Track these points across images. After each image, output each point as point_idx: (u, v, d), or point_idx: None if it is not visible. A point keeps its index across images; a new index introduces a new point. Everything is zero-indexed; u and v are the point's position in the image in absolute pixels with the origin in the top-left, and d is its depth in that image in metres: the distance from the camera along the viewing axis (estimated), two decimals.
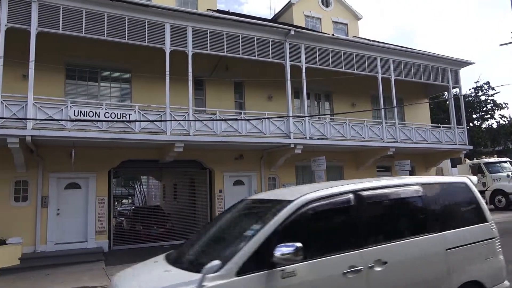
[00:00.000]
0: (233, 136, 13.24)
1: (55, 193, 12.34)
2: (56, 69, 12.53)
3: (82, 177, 12.79)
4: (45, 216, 12.07)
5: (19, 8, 10.76)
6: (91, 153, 12.68)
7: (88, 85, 13.58)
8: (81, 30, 11.38)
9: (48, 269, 10.53)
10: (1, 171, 11.67)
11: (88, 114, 11.27)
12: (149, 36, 12.25)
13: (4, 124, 10.29)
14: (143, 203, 33.38)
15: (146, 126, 11.99)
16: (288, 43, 14.45)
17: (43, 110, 10.85)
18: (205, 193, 15.34)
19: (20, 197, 11.93)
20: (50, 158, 12.30)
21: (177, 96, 13.03)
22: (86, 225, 12.61)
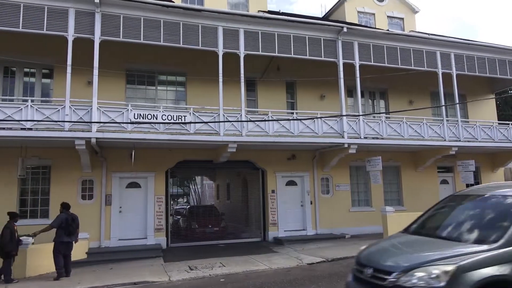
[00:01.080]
0: (285, 136, 13.21)
1: (118, 192, 13.10)
2: (117, 74, 13.27)
3: (142, 176, 13.46)
4: (108, 214, 12.85)
5: (84, 19, 11.55)
6: (150, 154, 13.29)
7: (146, 89, 14.24)
8: (139, 37, 11.96)
9: (111, 263, 11.19)
10: (70, 171, 12.62)
11: (146, 117, 11.81)
12: (202, 39, 12.58)
13: (72, 128, 11.10)
14: (198, 203, 34.35)
15: (200, 128, 12.33)
16: (341, 40, 14.14)
17: (106, 113, 11.54)
18: (258, 193, 15.45)
19: (87, 195, 12.82)
20: (112, 158, 13.07)
21: (230, 98, 13.26)
22: (145, 223, 13.24)
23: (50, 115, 11.03)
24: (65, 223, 9.48)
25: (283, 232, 14.71)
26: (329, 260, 10.75)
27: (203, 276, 9.39)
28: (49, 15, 11.22)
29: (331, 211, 15.51)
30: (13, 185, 12.22)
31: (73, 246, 9.82)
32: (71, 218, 9.63)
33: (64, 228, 9.46)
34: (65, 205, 9.90)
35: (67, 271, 9.55)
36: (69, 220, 9.55)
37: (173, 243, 13.94)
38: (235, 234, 15.30)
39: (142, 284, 8.87)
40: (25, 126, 10.81)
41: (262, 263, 10.55)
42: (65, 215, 9.62)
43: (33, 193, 12.65)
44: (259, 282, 8.43)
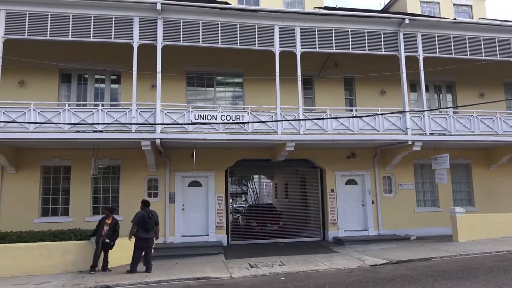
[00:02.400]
0: (344, 134, 12.90)
1: (180, 190, 13.65)
2: (178, 77, 13.82)
3: (203, 175, 13.90)
4: (172, 211, 13.44)
5: (147, 27, 12.16)
6: (210, 153, 13.68)
7: (206, 90, 14.67)
8: (198, 41, 12.34)
9: (176, 259, 11.68)
10: (137, 171, 13.38)
11: (206, 118, 12.17)
12: (259, 39, 12.67)
13: (139, 129, 11.75)
14: (256, 201, 34.73)
15: (258, 127, 12.44)
16: (402, 33, 13.49)
17: (169, 115, 12.06)
18: (317, 192, 15.26)
19: (152, 193, 13.52)
20: (175, 158, 13.64)
21: (287, 96, 13.27)
22: (207, 220, 13.66)
23: (118, 118, 11.77)
24: (143, 220, 9.93)
25: (343, 232, 14.39)
26: (393, 262, 10.32)
27: (263, 274, 9.47)
28: (116, 25, 11.97)
29: (394, 211, 14.88)
30: (87, 183, 13.23)
31: (153, 242, 10.24)
32: (148, 215, 10.01)
33: (142, 225, 9.91)
34: (144, 202, 10.40)
35: (148, 266, 9.94)
36: (146, 217, 9.96)
37: (233, 241, 14.22)
38: (294, 233, 15.24)
39: (205, 280, 9.14)
40: (96, 129, 11.64)
41: (323, 263, 10.39)
42: (143, 212, 10.06)
43: (104, 191, 13.58)
44: (320, 282, 8.31)
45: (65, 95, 13.72)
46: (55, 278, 9.79)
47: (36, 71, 13.01)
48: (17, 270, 10.28)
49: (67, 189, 13.26)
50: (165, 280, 9.13)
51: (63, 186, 13.34)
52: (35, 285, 9.12)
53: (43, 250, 10.51)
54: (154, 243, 10.31)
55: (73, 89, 13.84)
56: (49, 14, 11.68)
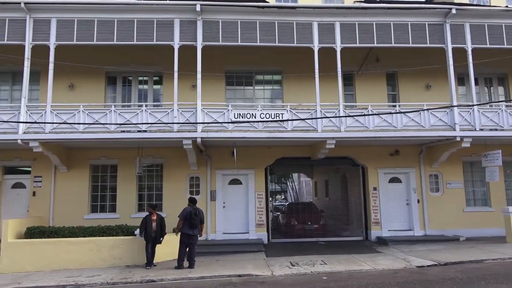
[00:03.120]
0: (387, 130, 12.50)
1: (221, 188, 13.84)
2: (217, 77, 14.00)
3: (242, 173, 14.01)
4: (213, 208, 13.66)
5: (187, 28, 12.39)
6: (250, 151, 13.76)
7: (245, 89, 14.74)
8: (237, 40, 12.42)
9: (217, 255, 11.85)
10: (179, 169, 13.71)
11: (246, 116, 12.23)
12: (297, 36, 12.56)
13: (180, 129, 12.02)
14: (295, 199, 34.53)
15: (298, 125, 12.34)
16: (449, 24, 12.85)
17: (209, 114, 12.24)
18: (358, 191, 14.92)
19: (194, 191, 13.80)
20: (216, 156, 13.85)
21: (326, 93, 13.06)
22: (247, 218, 13.75)
23: (161, 118, 12.11)
24: (189, 216, 10.16)
25: (387, 232, 13.96)
26: (441, 264, 9.88)
27: (304, 272, 9.39)
28: (157, 27, 12.31)
29: (441, 211, 14.24)
30: (132, 181, 13.73)
31: (197, 239, 10.44)
32: (194, 212, 10.24)
33: (188, 221, 10.15)
34: (191, 199, 10.66)
35: (191, 262, 10.16)
36: (192, 214, 10.18)
37: (274, 239, 14.22)
38: (335, 232, 14.99)
39: (246, 277, 9.21)
40: (140, 129, 12.04)
41: (366, 263, 10.14)
42: (190, 208, 10.31)
43: (148, 188, 14.04)
44: (364, 283, 8.12)
45: (111, 96, 14.31)
46: (104, 271, 10.25)
47: (84, 75, 13.67)
48: (69, 263, 10.87)
49: (114, 187, 13.83)
50: (207, 276, 9.28)
51: (110, 184, 13.93)
52: (86, 277, 9.59)
53: (93, 245, 11.04)
54: (197, 240, 10.48)
55: (118, 91, 14.40)
56: (96, 20, 12.21)
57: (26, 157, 13.33)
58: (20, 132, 11.71)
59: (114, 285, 8.96)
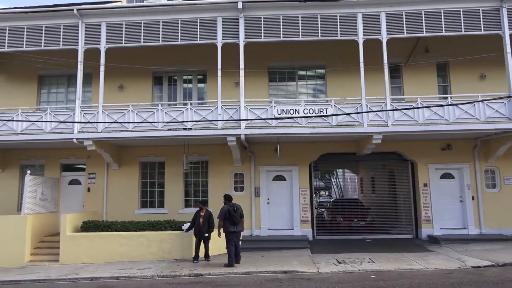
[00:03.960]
0: (438, 124, 11.91)
1: (265, 184, 13.87)
2: (260, 73, 14.01)
3: (286, 170, 13.95)
4: (258, 204, 13.72)
5: (229, 26, 12.50)
6: (293, 147, 13.67)
7: (287, 85, 14.64)
8: (279, 35, 12.35)
9: (262, 251, 11.91)
10: (224, 165, 13.91)
11: (289, 112, 12.15)
12: (341, 29, 12.27)
13: (224, 126, 12.18)
14: (340, 196, 33.93)
15: (342, 120, 12.08)
16: (506, 8, 11.97)
17: (253, 111, 12.29)
18: (407, 187, 14.36)
19: (238, 187, 13.93)
20: (259, 153, 13.89)
21: (372, 86, 12.69)
22: (291, 214, 13.69)
23: (205, 116, 12.33)
24: (228, 214, 10.15)
25: (439, 230, 13.33)
26: (499, 265, 9.28)
27: (352, 270, 9.19)
28: (201, 27, 12.52)
29: (499, 209, 13.37)
30: (179, 178, 14.12)
31: (240, 235, 10.47)
32: (233, 209, 10.22)
33: (229, 219, 10.14)
34: (227, 196, 10.66)
35: (237, 258, 10.21)
36: (231, 211, 10.17)
37: (319, 235, 14.05)
38: (383, 230, 14.55)
39: (292, 273, 9.17)
40: (186, 126, 12.33)
41: (417, 262, 9.75)
42: (227, 207, 10.29)
43: (194, 185, 14.36)
44: (415, 283, 7.80)
45: (157, 96, 14.78)
46: (154, 265, 10.63)
47: (132, 76, 14.22)
48: (122, 256, 11.39)
49: (162, 183, 14.30)
50: (253, 272, 9.35)
51: (158, 180, 14.41)
52: (138, 270, 10.00)
53: (143, 239, 11.50)
54: (241, 236, 10.54)
55: (164, 90, 14.84)
56: (142, 22, 12.64)
57: (81, 155, 14.12)
58: (75, 132, 12.41)
59: (164, 278, 9.27)
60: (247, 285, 8.24)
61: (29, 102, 14.62)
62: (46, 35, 12.83)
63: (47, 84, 15.20)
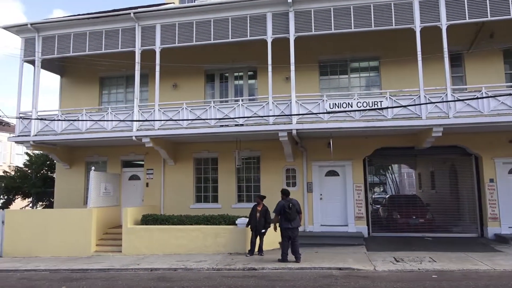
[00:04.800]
0: (507, 115, 11.02)
1: (318, 180, 13.69)
2: (311, 67, 13.79)
3: (339, 165, 13.66)
4: (310, 200, 13.59)
5: (279, 21, 12.44)
6: (346, 142, 13.33)
7: (339, 78, 14.30)
8: (330, 28, 12.08)
9: (315, 247, 11.78)
10: (275, 161, 13.91)
11: (341, 106, 11.87)
12: (396, 18, 11.74)
13: (276, 121, 12.16)
14: (396, 192, 32.64)
15: (398, 112, 11.58)
16: None
17: (304, 106, 12.16)
18: (471, 183, 13.47)
19: (290, 182, 13.87)
20: (311, 148, 13.72)
21: (430, 77, 12.05)
22: (345, 210, 13.39)
23: (257, 112, 12.40)
24: (283, 210, 9.99)
25: (507, 229, 12.38)
26: None
27: (410, 269, 8.81)
28: (250, 23, 12.61)
29: None
30: (232, 173, 14.35)
31: (298, 231, 10.18)
32: (288, 205, 10.01)
33: (283, 215, 9.99)
34: (284, 191, 10.47)
35: (296, 256, 9.94)
36: (286, 207, 9.98)
37: (374, 232, 13.62)
38: (444, 228, 13.77)
39: (347, 270, 8.98)
40: (238, 123, 12.48)
41: (483, 263, 9.13)
42: (283, 202, 10.12)
43: (246, 180, 14.52)
44: (481, 284, 7.31)
45: (210, 93, 15.10)
46: (209, 258, 10.91)
47: (185, 74, 14.65)
48: (178, 248, 11.82)
49: (215, 179, 14.62)
50: (307, 268, 9.28)
51: (212, 176, 14.75)
52: (194, 262, 10.32)
53: (198, 233, 11.84)
54: (298, 232, 10.24)
55: (216, 87, 15.12)
56: (194, 22, 12.96)
57: (139, 152, 14.82)
58: (134, 130, 13.05)
59: (219, 271, 9.48)
60: (301, 280, 8.19)
61: (92, 102, 15.58)
62: (106, 39, 13.58)
63: (107, 85, 16.12)
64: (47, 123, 13.79)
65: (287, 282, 8.13)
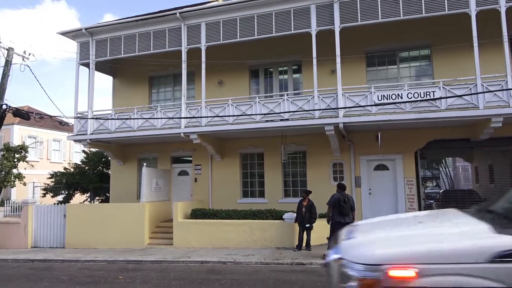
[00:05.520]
0: None
1: (366, 174, 13.34)
2: (357, 59, 13.42)
3: (389, 158, 13.21)
4: (359, 195, 13.27)
5: (323, 12, 12.21)
6: (396, 135, 12.84)
7: (387, 69, 13.80)
8: (377, 16, 11.67)
9: None
10: (322, 155, 13.72)
11: (390, 97, 11.46)
12: (449, 2, 11.10)
13: (322, 115, 11.99)
14: (451, 186, 31.04)
15: (453, 102, 10.98)
16: None
17: (351, 98, 11.87)
18: None
19: (338, 177, 13.62)
20: (359, 142, 13.38)
21: (487, 64, 11.27)
22: (396, 206, 12.94)
23: (302, 106, 12.29)
24: (338, 203, 9.78)
25: None
26: None
27: None
28: (294, 16, 12.46)
29: None
30: (278, 168, 14.37)
31: None
32: (343, 199, 9.82)
33: (337, 208, 9.77)
34: (340, 185, 10.30)
35: None
36: (341, 201, 9.77)
37: None
38: None
39: None
40: (283, 117, 12.44)
41: None
42: (338, 195, 9.91)
43: (292, 175, 14.47)
44: None
45: (254, 89, 15.18)
46: (257, 252, 11.02)
47: (230, 71, 14.82)
48: (226, 242, 12.05)
49: (261, 174, 14.71)
50: None
51: (258, 171, 14.85)
52: (242, 256, 10.47)
53: (246, 227, 11.99)
54: None
55: (261, 82, 15.17)
56: (238, 18, 13.06)
57: (188, 148, 15.24)
58: (182, 127, 13.43)
59: (267, 265, 9.55)
60: None
61: (142, 101, 16.22)
62: (154, 39, 14.05)
63: (156, 84, 16.70)
64: (101, 122, 14.56)
65: None
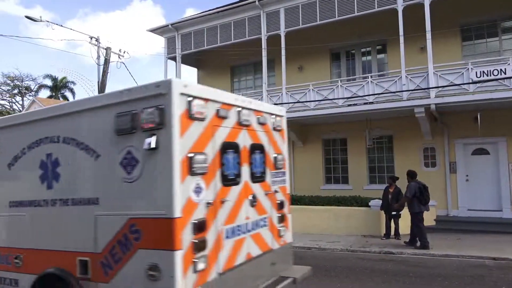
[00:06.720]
0: None
1: (462, 159, 12.22)
2: (451, 33, 12.24)
3: (490, 142, 11.91)
4: (454, 182, 12.24)
5: None
6: (499, 115, 11.47)
7: (487, 42, 12.37)
8: None
9: (458, 234, 10.65)
10: (411, 139, 12.87)
11: (492, 73, 10.30)
12: None
13: (410, 96, 11.23)
14: None
15: None
16: None
17: (443, 77, 10.93)
18: None
19: (429, 162, 12.69)
20: (453, 124, 12.28)
21: None
22: (499, 193, 11.67)
23: (388, 88, 11.64)
24: (419, 192, 9.11)
25: None
26: None
27: None
28: None
29: None
30: (362, 154, 13.84)
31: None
32: (423, 187, 9.19)
33: (419, 197, 9.12)
34: (411, 173, 9.54)
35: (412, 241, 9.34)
36: (421, 189, 9.14)
37: None
38: None
39: (505, 261, 7.87)
40: (367, 101, 11.90)
41: None
42: (417, 184, 9.23)
43: (378, 161, 13.83)
44: None
45: (336, 72, 14.72)
46: (342, 239, 10.82)
47: (310, 56, 14.53)
48: (310, 228, 11.99)
49: (344, 160, 14.31)
50: (453, 255, 8.48)
51: (341, 157, 14.47)
52: (327, 242, 10.37)
53: (330, 213, 11.82)
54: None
55: (342, 66, 14.65)
56: (317, 0, 12.70)
57: None
58: None
59: (353, 253, 9.32)
60: (447, 268, 7.50)
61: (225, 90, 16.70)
62: (234, 29, 14.33)
63: (237, 73, 17.08)
64: None
65: (430, 269, 7.54)
